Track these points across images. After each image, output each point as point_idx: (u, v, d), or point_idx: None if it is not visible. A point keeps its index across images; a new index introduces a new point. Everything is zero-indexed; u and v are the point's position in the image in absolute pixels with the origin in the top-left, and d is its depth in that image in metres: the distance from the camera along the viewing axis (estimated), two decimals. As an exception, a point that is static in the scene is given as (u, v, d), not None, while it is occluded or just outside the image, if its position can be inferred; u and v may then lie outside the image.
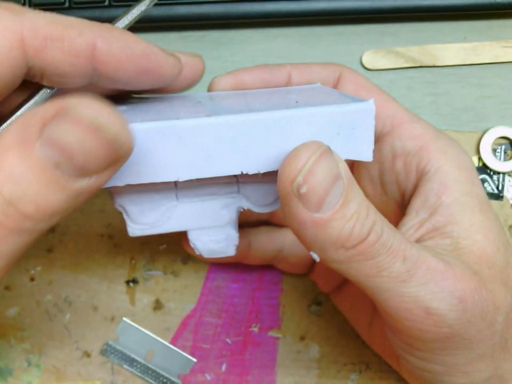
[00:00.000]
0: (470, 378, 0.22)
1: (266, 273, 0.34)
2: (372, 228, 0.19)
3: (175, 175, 0.19)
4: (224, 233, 0.23)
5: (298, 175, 0.18)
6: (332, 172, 0.18)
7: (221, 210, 0.23)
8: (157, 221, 0.22)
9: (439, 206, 0.23)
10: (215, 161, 0.19)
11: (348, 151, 0.20)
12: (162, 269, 0.34)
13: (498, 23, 0.35)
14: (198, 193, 0.22)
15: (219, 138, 0.19)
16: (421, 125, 0.25)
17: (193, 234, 0.23)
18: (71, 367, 0.33)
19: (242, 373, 0.33)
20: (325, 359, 0.33)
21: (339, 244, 0.19)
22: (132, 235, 0.23)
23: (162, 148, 0.19)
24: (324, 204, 0.18)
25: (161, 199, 0.22)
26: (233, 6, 0.34)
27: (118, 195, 0.22)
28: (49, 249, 0.34)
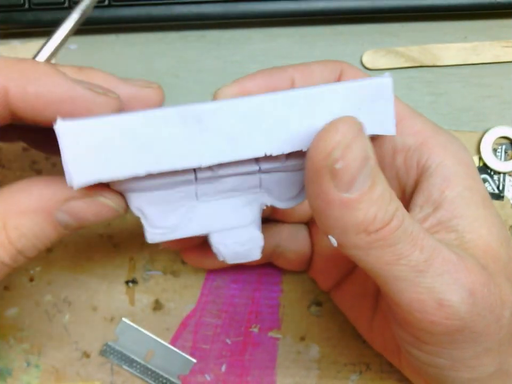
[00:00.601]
0: (476, 373, 0.22)
1: (266, 274, 0.34)
2: (395, 214, 0.18)
3: (197, 160, 0.19)
4: (248, 234, 0.22)
5: (336, 149, 0.17)
6: (366, 151, 0.18)
7: (243, 208, 0.22)
8: (177, 223, 0.21)
9: (443, 201, 0.23)
10: (238, 144, 0.19)
11: (371, 126, 0.20)
12: (162, 269, 0.34)
13: (499, 23, 0.35)
14: (218, 190, 0.21)
15: (241, 120, 0.19)
16: (421, 121, 0.24)
17: (216, 238, 0.22)
18: (71, 367, 0.33)
19: (242, 374, 0.33)
20: (325, 360, 0.33)
21: (362, 227, 0.18)
22: (151, 241, 0.21)
23: (183, 132, 0.19)
24: (354, 184, 0.18)
25: (181, 198, 0.21)
26: (233, 5, 0.34)
27: (135, 195, 0.21)
28: (48, 249, 0.34)
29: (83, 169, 0.18)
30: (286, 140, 0.19)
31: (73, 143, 0.18)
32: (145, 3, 0.34)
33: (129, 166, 0.19)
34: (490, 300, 0.20)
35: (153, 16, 0.34)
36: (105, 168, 0.18)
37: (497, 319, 0.21)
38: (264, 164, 0.21)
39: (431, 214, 0.23)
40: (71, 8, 0.34)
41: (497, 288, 0.21)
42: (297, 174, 0.22)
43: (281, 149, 0.20)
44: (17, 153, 0.34)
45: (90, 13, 0.23)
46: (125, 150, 0.18)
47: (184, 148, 0.19)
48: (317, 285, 0.33)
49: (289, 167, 0.21)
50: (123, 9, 0.34)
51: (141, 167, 0.19)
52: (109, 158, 0.18)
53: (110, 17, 0.34)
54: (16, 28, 0.35)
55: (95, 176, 0.19)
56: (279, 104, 0.19)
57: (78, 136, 0.18)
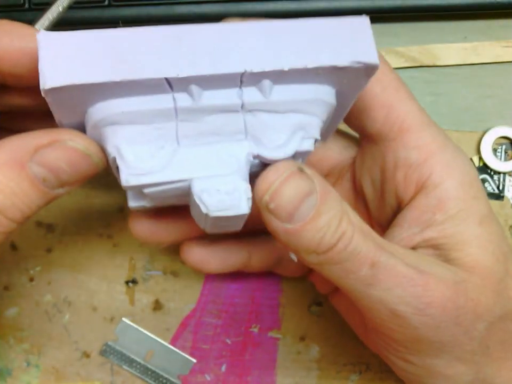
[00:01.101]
0: (452, 382, 0.23)
1: (266, 274, 0.34)
2: (341, 238, 0.20)
3: (174, 70, 0.19)
4: (234, 183, 0.21)
5: (265, 195, 0.20)
6: (302, 190, 0.20)
7: (227, 155, 0.21)
8: (155, 165, 0.20)
9: (432, 223, 0.23)
10: (216, 59, 0.19)
11: (353, 53, 0.20)
12: (162, 269, 0.34)
13: (499, 23, 0.35)
14: (200, 132, 0.20)
15: (220, 40, 0.19)
16: (430, 133, 0.24)
17: (198, 184, 0.20)
18: (71, 367, 0.33)
19: (242, 374, 0.33)
20: (325, 360, 0.33)
21: (311, 250, 0.20)
22: (126, 184, 0.20)
23: (161, 46, 0.19)
24: (294, 217, 0.20)
25: (160, 137, 0.20)
26: (233, 5, 0.34)
27: (113, 130, 0.20)
28: (48, 249, 0.34)
29: (57, 71, 0.18)
30: (267, 57, 0.19)
31: (50, 50, 0.18)
32: (145, 3, 0.34)
33: (103, 72, 0.18)
34: (456, 313, 0.21)
35: (153, 16, 0.34)
36: (80, 72, 0.18)
37: (466, 331, 0.22)
38: (247, 95, 0.20)
39: (417, 234, 0.24)
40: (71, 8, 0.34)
41: (471, 302, 0.22)
42: (282, 116, 0.21)
43: (261, 65, 0.19)
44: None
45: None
46: (101, 56, 0.18)
47: (161, 59, 0.19)
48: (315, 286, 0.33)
49: (274, 104, 0.21)
50: (123, 9, 0.34)
51: (116, 73, 0.18)
52: (83, 64, 0.18)
53: (110, 17, 0.34)
54: (16, 28, 0.35)
55: (68, 78, 0.18)
56: (262, 27, 0.19)
57: (57, 43, 0.18)
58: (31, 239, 0.34)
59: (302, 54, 0.19)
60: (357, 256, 0.20)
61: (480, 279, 0.22)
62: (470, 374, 0.23)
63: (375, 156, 0.26)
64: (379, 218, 0.27)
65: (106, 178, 0.34)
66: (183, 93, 0.20)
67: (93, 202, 0.34)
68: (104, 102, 0.20)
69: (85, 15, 0.34)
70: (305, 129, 0.21)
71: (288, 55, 0.19)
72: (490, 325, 0.22)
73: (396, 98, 0.24)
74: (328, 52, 0.20)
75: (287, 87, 0.20)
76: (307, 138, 0.21)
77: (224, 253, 0.28)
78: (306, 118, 0.21)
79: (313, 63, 0.19)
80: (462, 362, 0.23)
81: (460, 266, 0.23)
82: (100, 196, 0.34)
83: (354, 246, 0.20)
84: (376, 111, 0.24)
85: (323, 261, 0.21)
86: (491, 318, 0.22)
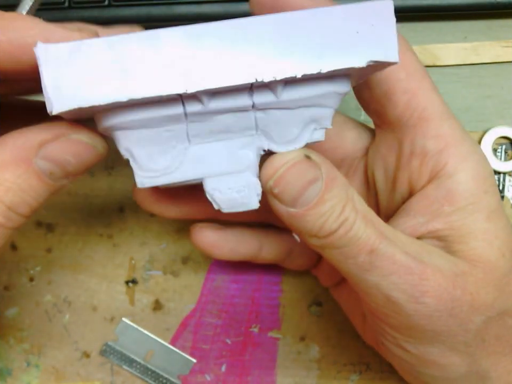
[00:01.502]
0: (446, 372, 0.23)
1: (266, 274, 0.34)
2: (342, 224, 0.21)
3: (182, 86, 0.18)
4: (245, 180, 0.21)
5: (270, 180, 0.20)
6: (306, 177, 0.20)
7: (239, 152, 0.21)
8: (168, 166, 0.20)
9: (439, 215, 0.23)
10: (226, 68, 0.18)
11: (371, 51, 0.19)
12: (162, 269, 0.34)
13: (499, 23, 0.35)
14: (211, 130, 0.20)
15: (228, 43, 0.18)
16: (449, 125, 0.24)
17: (210, 183, 0.21)
18: (71, 367, 0.33)
19: (242, 374, 0.33)
20: (325, 360, 0.33)
21: (312, 233, 0.21)
22: (141, 185, 0.20)
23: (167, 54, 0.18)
24: (298, 202, 0.20)
25: (171, 138, 0.20)
26: (233, 6, 0.34)
27: (123, 134, 0.20)
28: (48, 249, 0.34)
29: (63, 94, 0.18)
30: (278, 64, 0.18)
31: (53, 66, 0.18)
32: (145, 3, 0.34)
33: (109, 92, 0.18)
34: (452, 304, 0.22)
35: (153, 16, 0.34)
36: (85, 93, 0.18)
37: (461, 323, 0.22)
38: (258, 97, 0.20)
39: (423, 224, 0.24)
40: (71, 8, 0.34)
41: (469, 295, 0.22)
42: (294, 112, 0.20)
43: (272, 73, 0.18)
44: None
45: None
46: (105, 73, 0.18)
47: (168, 72, 0.18)
48: (317, 285, 0.33)
49: (285, 103, 0.20)
50: (123, 9, 0.34)
51: (121, 93, 0.18)
52: (90, 83, 0.18)
53: (110, 17, 0.34)
54: (16, 28, 0.35)
55: (75, 102, 0.18)
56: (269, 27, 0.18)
57: (58, 59, 0.18)
58: (31, 239, 0.34)
59: (315, 55, 0.18)
60: (356, 242, 0.21)
61: (482, 273, 0.22)
62: (464, 365, 0.23)
63: (391, 144, 0.25)
64: (388, 210, 0.27)
65: (107, 178, 0.34)
66: (192, 100, 0.19)
67: (93, 202, 0.34)
68: (112, 112, 0.19)
69: (85, 15, 0.34)
70: (317, 121, 0.21)
71: (300, 59, 0.18)
72: (488, 319, 0.22)
73: (419, 86, 0.24)
74: (344, 51, 0.18)
75: (300, 85, 0.20)
76: (319, 129, 0.21)
77: (237, 239, 0.28)
78: (319, 110, 0.21)
79: (328, 66, 0.18)
80: (455, 353, 0.23)
81: (462, 259, 0.23)
82: (100, 195, 0.34)
83: (354, 232, 0.21)
84: (399, 96, 0.24)
85: (324, 245, 0.21)
86: (489, 312, 0.22)
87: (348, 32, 0.19)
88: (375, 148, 0.27)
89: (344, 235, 0.21)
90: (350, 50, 0.19)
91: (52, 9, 0.34)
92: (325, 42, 0.18)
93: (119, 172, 0.34)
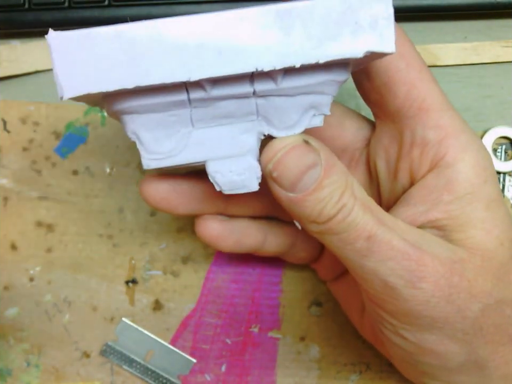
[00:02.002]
0: (444, 360, 0.23)
1: (266, 274, 0.34)
2: (340, 210, 0.21)
3: (185, 73, 0.19)
4: (245, 163, 0.22)
5: (269, 163, 0.21)
6: (305, 161, 0.21)
7: (240, 136, 0.22)
8: (173, 149, 0.21)
9: (438, 204, 0.23)
10: (227, 58, 0.19)
11: (368, 42, 0.19)
12: (162, 269, 0.34)
13: (499, 23, 0.35)
14: (214, 115, 0.21)
15: (226, 33, 0.19)
16: (449, 115, 0.24)
17: (212, 166, 0.22)
18: (71, 367, 0.33)
19: (242, 374, 0.33)
20: (325, 360, 0.33)
21: (311, 219, 0.21)
22: (147, 167, 0.22)
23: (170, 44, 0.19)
24: (297, 187, 0.21)
25: (176, 123, 0.21)
26: (233, 5, 0.34)
27: (130, 118, 0.21)
28: (48, 249, 0.34)
29: (73, 80, 0.19)
30: (278, 54, 0.19)
31: (63, 54, 0.19)
32: (145, 3, 0.34)
33: (117, 79, 0.19)
34: (449, 290, 0.22)
35: (153, 16, 0.34)
36: (94, 80, 0.19)
37: (458, 310, 0.22)
38: (258, 84, 0.20)
39: (422, 213, 0.24)
40: (71, 8, 0.34)
41: (467, 283, 0.22)
42: (294, 99, 0.21)
43: (272, 63, 0.19)
44: (17, 153, 0.34)
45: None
46: (113, 61, 0.19)
47: (172, 60, 0.19)
48: (317, 286, 0.33)
49: (285, 90, 0.21)
50: (123, 9, 0.34)
51: (128, 80, 0.19)
52: (97, 70, 0.19)
53: (110, 17, 0.34)
54: (16, 28, 0.35)
55: (84, 88, 0.19)
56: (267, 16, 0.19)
57: (69, 47, 0.19)
58: (31, 239, 0.34)
59: (313, 46, 0.19)
60: (354, 228, 0.21)
61: (480, 261, 0.23)
62: (462, 354, 0.23)
63: (392, 134, 0.26)
64: (389, 201, 0.27)
65: (107, 178, 0.34)
66: (195, 87, 0.20)
67: (93, 202, 0.34)
68: (120, 97, 0.20)
69: (85, 15, 0.34)
70: (316, 108, 0.22)
71: (299, 49, 0.19)
72: (486, 307, 0.22)
73: (419, 77, 0.24)
74: (341, 41, 0.19)
75: (299, 74, 0.20)
76: (318, 115, 0.22)
77: (242, 231, 0.28)
78: (318, 97, 0.21)
79: (326, 56, 0.19)
80: (453, 341, 0.23)
81: (460, 247, 0.23)
82: (100, 195, 0.34)
83: (352, 218, 0.21)
84: (399, 86, 0.24)
85: (323, 231, 0.22)
86: (487, 300, 0.22)
87: (346, 23, 0.19)
88: (377, 138, 0.27)
89: (342, 220, 0.21)
90: (347, 40, 0.19)
91: (52, 9, 0.34)
92: (323, 32, 0.19)
93: (119, 172, 0.34)
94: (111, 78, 0.19)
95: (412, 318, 0.22)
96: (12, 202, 0.34)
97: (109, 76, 0.19)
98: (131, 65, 0.19)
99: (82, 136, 0.35)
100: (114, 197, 0.34)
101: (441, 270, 0.22)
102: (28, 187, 0.34)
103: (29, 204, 0.34)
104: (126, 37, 0.19)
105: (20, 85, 0.35)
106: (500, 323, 0.23)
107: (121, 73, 0.19)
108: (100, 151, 0.34)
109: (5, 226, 0.34)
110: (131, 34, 0.19)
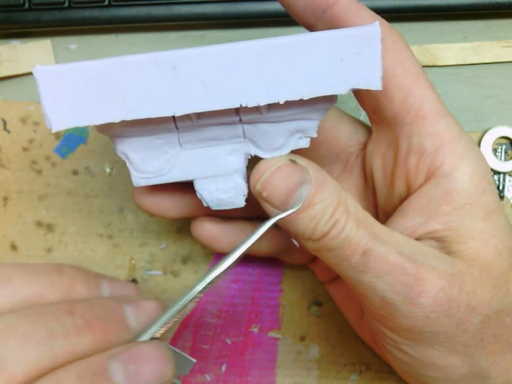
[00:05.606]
0: (446, 374, 0.23)
1: (266, 274, 0.34)
2: (334, 226, 0.21)
3: (170, 109, 0.19)
4: (232, 182, 0.22)
5: (257, 184, 0.21)
6: (292, 180, 0.21)
7: (227, 157, 0.22)
8: (161, 169, 0.22)
9: (437, 214, 0.23)
10: (211, 94, 0.19)
11: (354, 78, 0.19)
12: (162, 269, 0.34)
13: (499, 23, 0.35)
14: (201, 138, 0.22)
15: (215, 68, 0.19)
16: (446, 123, 0.24)
17: (200, 184, 0.23)
18: (71, 367, 0.33)
19: (242, 374, 0.33)
20: (325, 360, 0.33)
21: (306, 236, 0.22)
22: (136, 185, 0.22)
23: (156, 79, 0.19)
24: (288, 205, 0.21)
25: (164, 145, 0.22)
26: (233, 6, 0.34)
27: (119, 140, 0.21)
28: (48, 249, 0.34)
29: (60, 114, 0.19)
30: (262, 90, 0.19)
31: (51, 88, 0.19)
32: (145, 3, 0.34)
33: (103, 113, 0.19)
34: (448, 304, 0.22)
35: (153, 16, 0.34)
36: (80, 113, 0.19)
37: (458, 323, 0.22)
38: (244, 115, 0.21)
39: (422, 224, 0.24)
40: (71, 8, 0.34)
41: (466, 295, 0.22)
42: (280, 125, 0.21)
43: (256, 100, 0.19)
44: (17, 153, 0.34)
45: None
46: (99, 95, 0.19)
47: (157, 95, 0.19)
48: (317, 286, 0.33)
49: (271, 118, 0.21)
50: (123, 9, 0.34)
51: (115, 114, 0.19)
52: (84, 104, 0.19)
53: (110, 17, 0.34)
54: (16, 28, 0.35)
55: (71, 121, 0.19)
56: (255, 53, 0.19)
57: (56, 81, 0.19)
58: (31, 239, 0.34)
59: (298, 82, 0.19)
60: (348, 244, 0.21)
61: (478, 272, 0.22)
62: (464, 366, 0.23)
63: (389, 141, 0.25)
64: (386, 207, 0.27)
65: (107, 178, 0.34)
66: (182, 117, 0.20)
67: (93, 202, 0.34)
68: (107, 126, 0.20)
69: (85, 15, 0.34)
70: (303, 131, 0.22)
71: (284, 85, 0.19)
72: (486, 318, 0.22)
73: (415, 84, 0.24)
74: (326, 78, 0.19)
75: (284, 106, 0.20)
76: (304, 137, 0.22)
77: (237, 232, 0.29)
78: (304, 123, 0.22)
79: (310, 93, 0.19)
80: (455, 354, 0.23)
81: (460, 259, 0.23)
82: (100, 195, 0.34)
83: (346, 233, 0.21)
84: (395, 92, 0.24)
85: (319, 248, 0.22)
86: (487, 311, 0.22)
87: (332, 60, 0.19)
88: (373, 144, 0.27)
89: (336, 236, 0.21)
90: (332, 77, 0.19)
91: (52, 9, 0.34)
92: (309, 69, 0.19)
93: (119, 172, 0.34)
94: (98, 112, 0.19)
95: (413, 333, 0.22)
96: (11, 202, 0.34)
97: (96, 110, 0.19)
98: (117, 100, 0.19)
99: (82, 136, 0.35)
100: (114, 197, 0.34)
101: (440, 283, 0.21)
102: (28, 187, 0.34)
103: (29, 203, 0.34)
104: (113, 72, 0.19)
105: (20, 85, 0.35)
106: (500, 333, 0.23)
107: (108, 107, 0.19)
108: (100, 151, 0.34)
109: (5, 226, 0.34)
110: (117, 70, 0.19)
